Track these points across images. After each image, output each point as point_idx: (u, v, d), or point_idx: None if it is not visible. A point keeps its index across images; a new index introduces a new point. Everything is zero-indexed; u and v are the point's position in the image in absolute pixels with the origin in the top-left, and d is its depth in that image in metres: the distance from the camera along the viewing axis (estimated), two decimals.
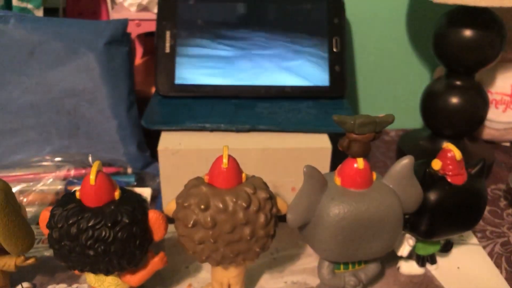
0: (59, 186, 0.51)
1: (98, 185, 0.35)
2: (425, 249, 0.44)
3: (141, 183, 0.55)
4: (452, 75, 0.59)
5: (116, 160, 0.55)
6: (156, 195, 0.54)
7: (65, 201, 0.36)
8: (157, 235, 0.37)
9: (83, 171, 0.52)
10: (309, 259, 0.46)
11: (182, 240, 0.37)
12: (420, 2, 0.57)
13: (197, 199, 0.35)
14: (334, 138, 0.50)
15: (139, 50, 0.72)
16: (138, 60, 0.72)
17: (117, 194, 0.36)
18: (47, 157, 0.53)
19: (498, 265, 0.46)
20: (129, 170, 0.55)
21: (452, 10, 0.56)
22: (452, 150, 0.39)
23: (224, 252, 0.36)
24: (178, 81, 0.56)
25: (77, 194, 0.36)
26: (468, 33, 0.54)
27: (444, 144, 0.40)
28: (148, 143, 0.58)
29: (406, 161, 0.37)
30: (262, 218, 0.36)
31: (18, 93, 0.53)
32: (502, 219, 0.54)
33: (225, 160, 0.36)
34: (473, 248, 0.49)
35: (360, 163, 0.37)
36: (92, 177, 0.34)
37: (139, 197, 0.37)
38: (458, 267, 0.46)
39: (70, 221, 0.34)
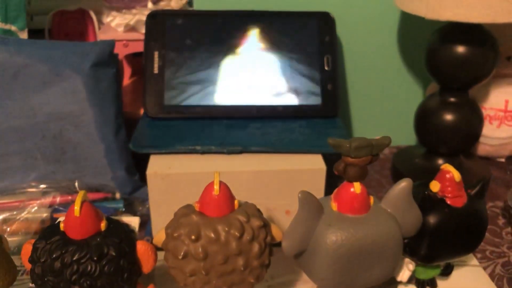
0: (44, 214, 0.49)
1: (83, 216, 0.33)
2: (425, 273, 0.43)
3: (130, 208, 0.53)
4: (445, 92, 0.58)
5: (104, 185, 0.54)
6: (146, 221, 0.52)
7: (48, 233, 0.34)
8: (146, 267, 0.35)
9: (69, 197, 0.51)
10: (306, 286, 0.44)
11: (173, 272, 0.35)
12: (412, 18, 0.56)
13: (188, 229, 0.34)
14: (328, 159, 0.48)
15: (127, 70, 0.71)
16: (127, 80, 0.71)
17: (103, 225, 0.34)
18: (32, 184, 0.51)
19: (500, 287, 0.45)
20: (118, 195, 0.53)
21: (445, 26, 0.56)
22: (451, 171, 0.38)
23: (217, 284, 0.34)
24: (167, 102, 0.55)
25: (61, 225, 0.34)
26: (461, 49, 0.53)
27: (442, 165, 0.39)
28: (136, 166, 0.56)
29: (404, 184, 0.36)
30: (256, 247, 0.34)
31: (2, 118, 0.51)
32: (502, 238, 0.52)
33: (216, 187, 0.34)
34: (473, 269, 0.47)
35: (357, 187, 0.35)
36: (76, 208, 0.33)
37: (126, 227, 0.35)
38: None
39: (54, 255, 0.32)
